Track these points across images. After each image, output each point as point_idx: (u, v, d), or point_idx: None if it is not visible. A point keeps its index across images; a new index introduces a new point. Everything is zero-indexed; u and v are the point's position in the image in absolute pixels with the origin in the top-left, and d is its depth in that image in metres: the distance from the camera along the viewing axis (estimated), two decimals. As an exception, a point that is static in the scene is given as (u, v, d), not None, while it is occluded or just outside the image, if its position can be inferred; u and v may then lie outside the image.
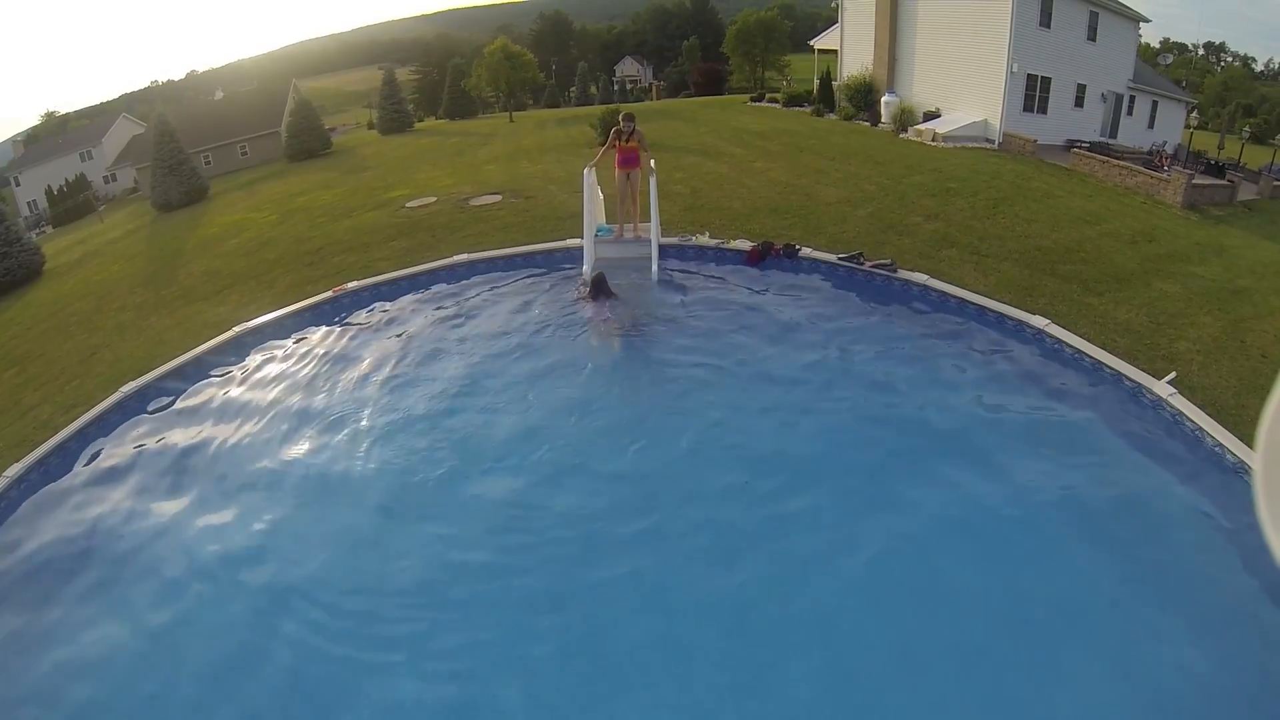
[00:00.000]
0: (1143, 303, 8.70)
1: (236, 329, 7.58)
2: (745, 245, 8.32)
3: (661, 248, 8.19)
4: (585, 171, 7.78)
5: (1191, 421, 4.75)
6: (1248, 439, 5.29)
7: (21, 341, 12.22)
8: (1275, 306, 9.10)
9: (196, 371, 7.18)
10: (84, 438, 6.29)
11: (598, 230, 7.98)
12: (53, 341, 11.51)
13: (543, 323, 7.04)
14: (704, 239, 8.59)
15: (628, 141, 8.51)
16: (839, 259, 7.83)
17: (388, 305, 7.90)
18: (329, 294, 8.08)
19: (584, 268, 7.86)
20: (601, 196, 8.64)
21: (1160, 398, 4.99)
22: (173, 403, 6.67)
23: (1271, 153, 23.83)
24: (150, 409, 6.62)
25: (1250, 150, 26.59)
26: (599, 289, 7.28)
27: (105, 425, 6.44)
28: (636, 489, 4.73)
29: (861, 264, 7.66)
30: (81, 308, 13.41)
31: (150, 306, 11.87)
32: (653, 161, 8.60)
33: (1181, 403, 4.91)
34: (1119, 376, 5.33)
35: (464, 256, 8.63)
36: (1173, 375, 5.34)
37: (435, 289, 8.14)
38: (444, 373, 6.28)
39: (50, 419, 7.65)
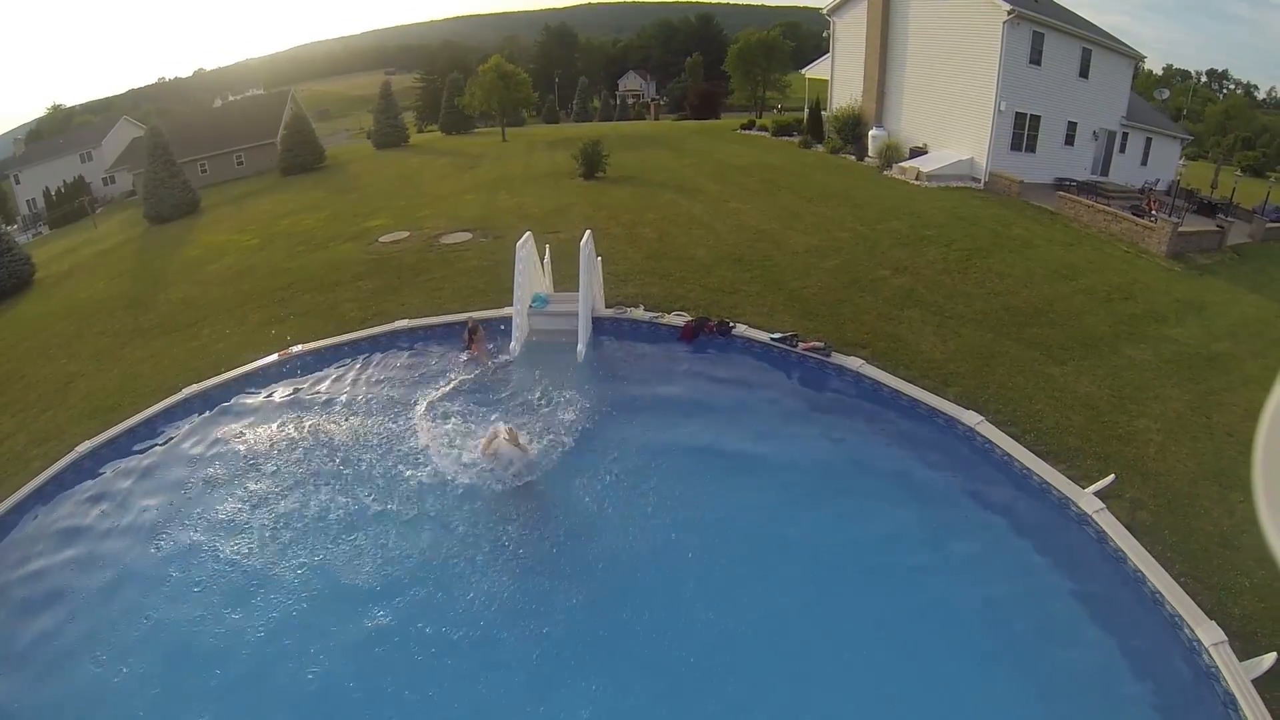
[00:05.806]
0: (1108, 372, 8.47)
1: (185, 391, 7.75)
2: (680, 321, 8.18)
3: (595, 321, 8.03)
4: (517, 245, 7.57)
5: (1114, 543, 4.57)
6: (1182, 548, 5.02)
7: (3, 361, 12.25)
8: (1250, 374, 8.82)
9: (148, 432, 7.30)
10: (41, 495, 6.50)
11: (534, 301, 7.79)
12: (33, 364, 11.61)
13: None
14: (639, 313, 8.46)
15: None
16: (772, 340, 7.66)
17: (324, 374, 7.99)
18: (275, 357, 8.15)
19: (511, 343, 7.68)
20: (541, 262, 8.48)
21: (1086, 514, 4.81)
22: (112, 473, 6.77)
23: (1266, 190, 23.48)
24: (101, 471, 6.77)
25: (1246, 185, 26.25)
26: (471, 338, 7.77)
27: (61, 483, 6.64)
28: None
29: (794, 346, 7.49)
30: (64, 329, 13.50)
31: (128, 334, 12.04)
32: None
33: (1108, 520, 4.74)
34: (1046, 486, 5.14)
35: (405, 323, 8.63)
36: (1110, 480, 5.16)
37: (374, 358, 8.17)
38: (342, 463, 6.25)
39: (24, 451, 7.79)
